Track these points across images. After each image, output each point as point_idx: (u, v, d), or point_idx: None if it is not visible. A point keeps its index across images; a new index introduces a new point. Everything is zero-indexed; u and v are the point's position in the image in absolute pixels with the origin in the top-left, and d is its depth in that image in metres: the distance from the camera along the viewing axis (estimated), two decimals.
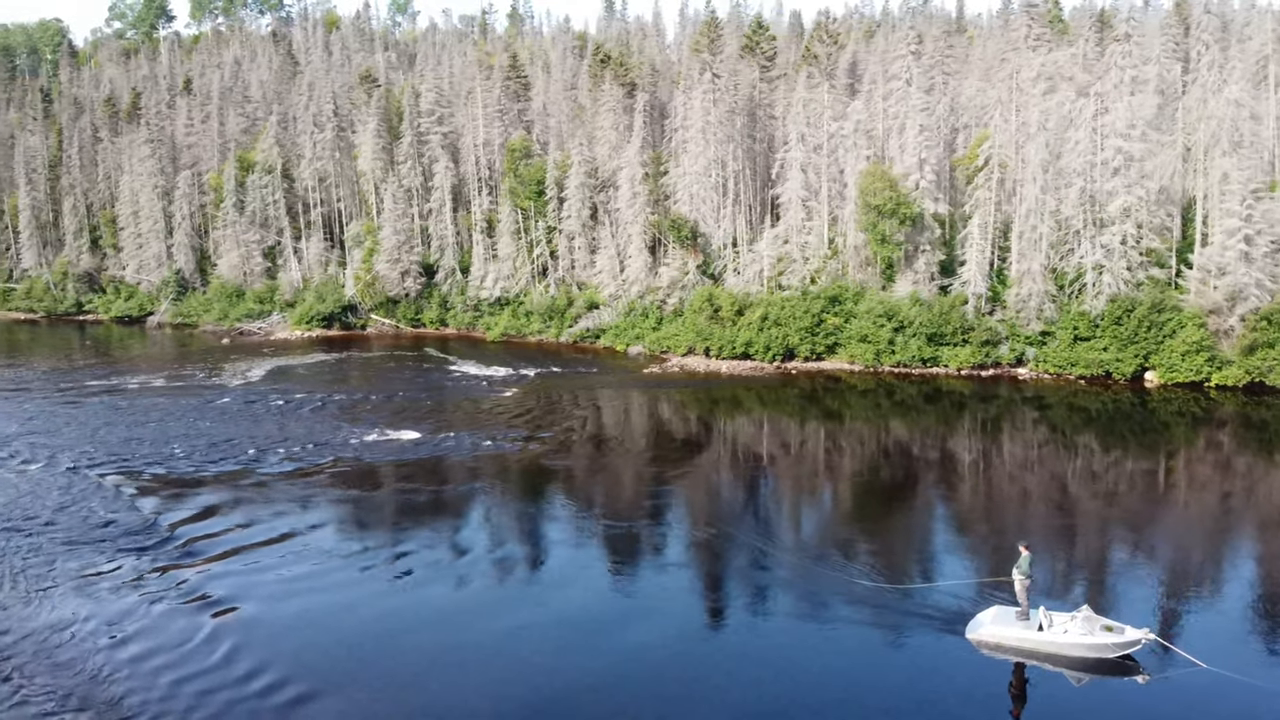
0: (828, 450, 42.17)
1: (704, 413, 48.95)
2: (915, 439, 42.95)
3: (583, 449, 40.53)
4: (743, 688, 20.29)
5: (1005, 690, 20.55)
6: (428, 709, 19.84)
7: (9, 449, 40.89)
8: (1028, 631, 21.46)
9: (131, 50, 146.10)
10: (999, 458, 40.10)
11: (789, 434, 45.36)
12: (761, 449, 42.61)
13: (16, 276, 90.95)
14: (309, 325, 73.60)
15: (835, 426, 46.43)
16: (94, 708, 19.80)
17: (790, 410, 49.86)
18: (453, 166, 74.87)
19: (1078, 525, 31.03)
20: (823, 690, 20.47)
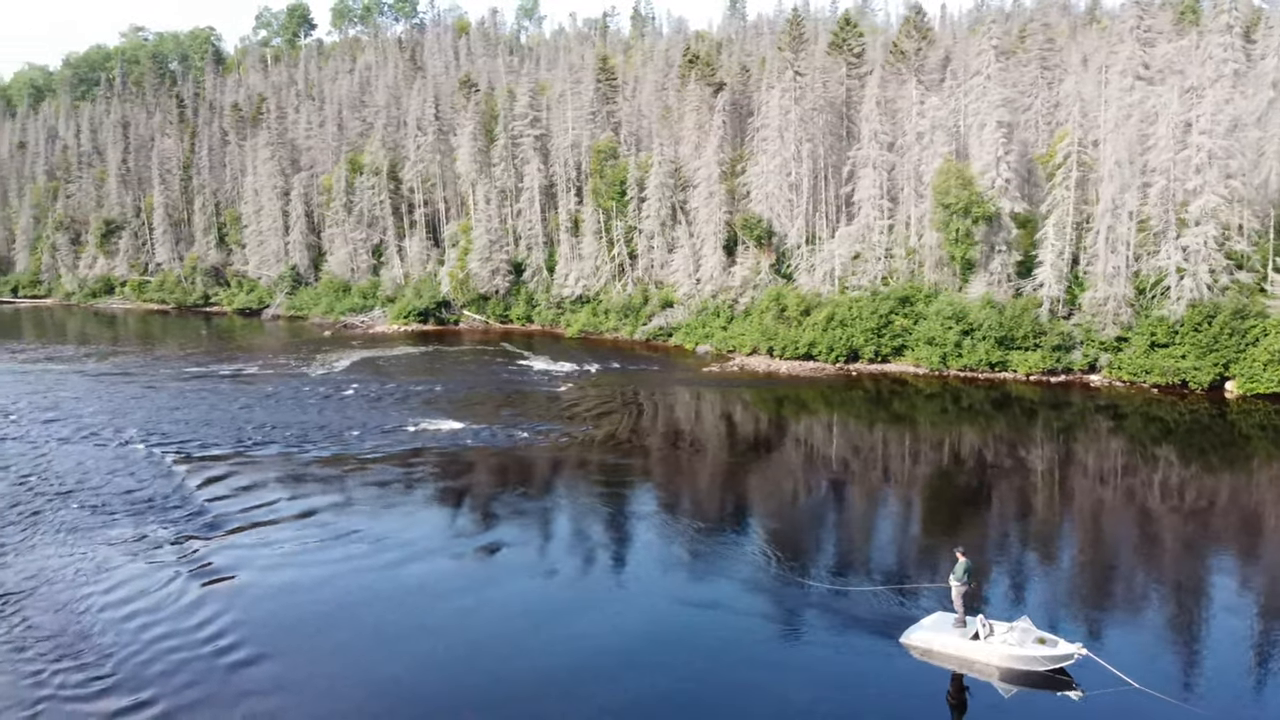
0: (887, 456, 40.88)
1: (745, 413, 48.86)
2: (987, 447, 41.22)
3: (609, 445, 41.12)
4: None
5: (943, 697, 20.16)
6: (359, 676, 20.93)
7: (91, 426, 44.82)
8: (960, 640, 20.89)
9: (277, 56, 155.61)
10: (1074, 469, 37.76)
11: (832, 437, 44.75)
12: (792, 451, 42.21)
13: (151, 270, 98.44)
14: (406, 320, 76.97)
15: (896, 431, 45.11)
16: (65, 649, 21.88)
17: (845, 412, 49.12)
18: (543, 168, 76.84)
19: (1163, 543, 29.22)
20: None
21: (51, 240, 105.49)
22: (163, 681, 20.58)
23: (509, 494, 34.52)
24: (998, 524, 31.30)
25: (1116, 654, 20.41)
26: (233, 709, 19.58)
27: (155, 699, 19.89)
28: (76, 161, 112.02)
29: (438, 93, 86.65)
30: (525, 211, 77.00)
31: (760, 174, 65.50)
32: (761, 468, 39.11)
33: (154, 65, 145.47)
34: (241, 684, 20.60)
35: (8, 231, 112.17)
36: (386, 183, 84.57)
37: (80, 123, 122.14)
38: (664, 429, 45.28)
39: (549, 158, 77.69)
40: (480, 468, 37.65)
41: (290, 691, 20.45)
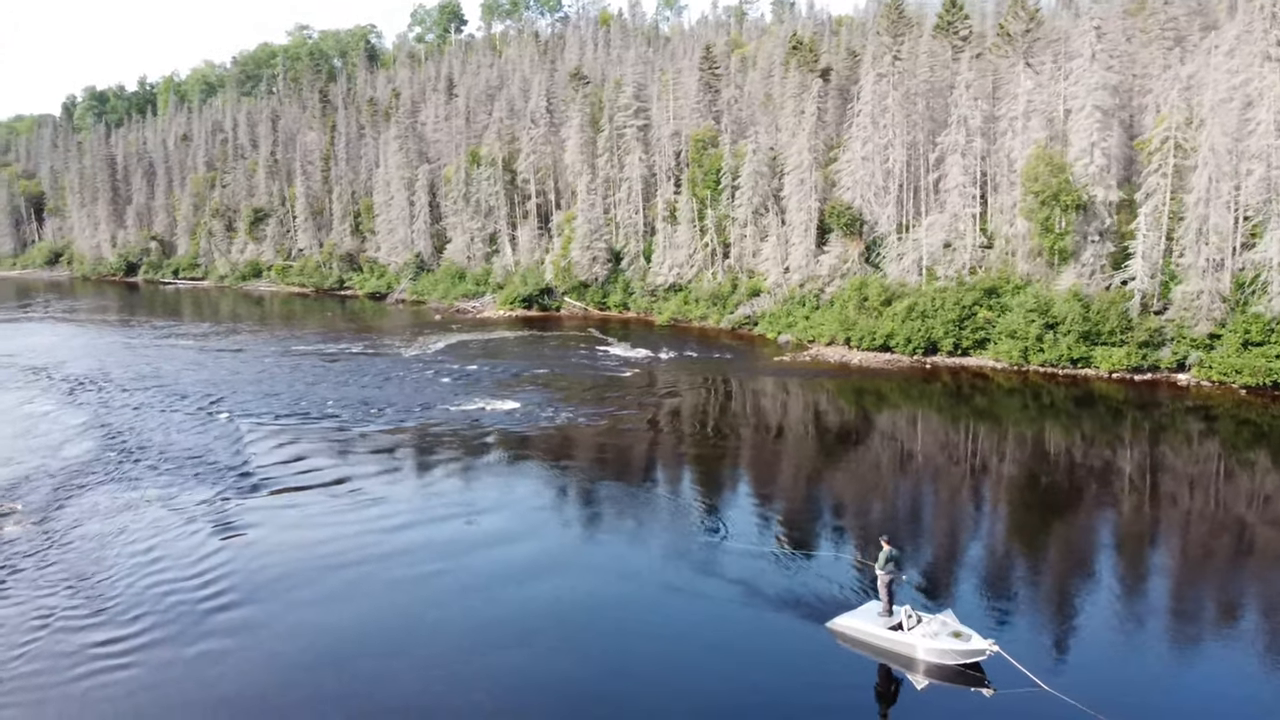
0: (966, 455, 39.57)
1: (795, 401, 48.39)
2: (1074, 448, 39.18)
3: (642, 428, 41.86)
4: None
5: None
6: (320, 623, 22.69)
7: (191, 394, 49.11)
8: (879, 629, 20.71)
9: (429, 52, 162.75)
10: (1165, 475, 35.47)
11: (896, 434, 44.00)
12: (838, 445, 41.79)
13: (294, 255, 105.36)
14: (511, 305, 79.75)
15: (973, 428, 43.54)
16: (78, 588, 24.58)
17: (912, 406, 47.94)
18: (645, 157, 77.93)
19: (1259, 555, 27.51)
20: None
21: (208, 227, 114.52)
22: (145, 620, 22.89)
23: (530, 469, 35.82)
24: (1089, 532, 29.27)
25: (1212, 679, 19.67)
26: (191, 646, 21.64)
27: (131, 635, 22.17)
28: (232, 153, 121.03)
29: (550, 86, 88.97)
30: (625, 200, 78.35)
31: (851, 161, 64.46)
32: (788, 459, 38.99)
33: (310, 62, 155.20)
34: (211, 625, 22.70)
35: (171, 218, 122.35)
36: (502, 173, 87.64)
37: (238, 117, 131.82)
38: (700, 415, 45.66)
39: (651, 148, 78.68)
40: (513, 444, 39.01)
41: (250, 632, 22.40)
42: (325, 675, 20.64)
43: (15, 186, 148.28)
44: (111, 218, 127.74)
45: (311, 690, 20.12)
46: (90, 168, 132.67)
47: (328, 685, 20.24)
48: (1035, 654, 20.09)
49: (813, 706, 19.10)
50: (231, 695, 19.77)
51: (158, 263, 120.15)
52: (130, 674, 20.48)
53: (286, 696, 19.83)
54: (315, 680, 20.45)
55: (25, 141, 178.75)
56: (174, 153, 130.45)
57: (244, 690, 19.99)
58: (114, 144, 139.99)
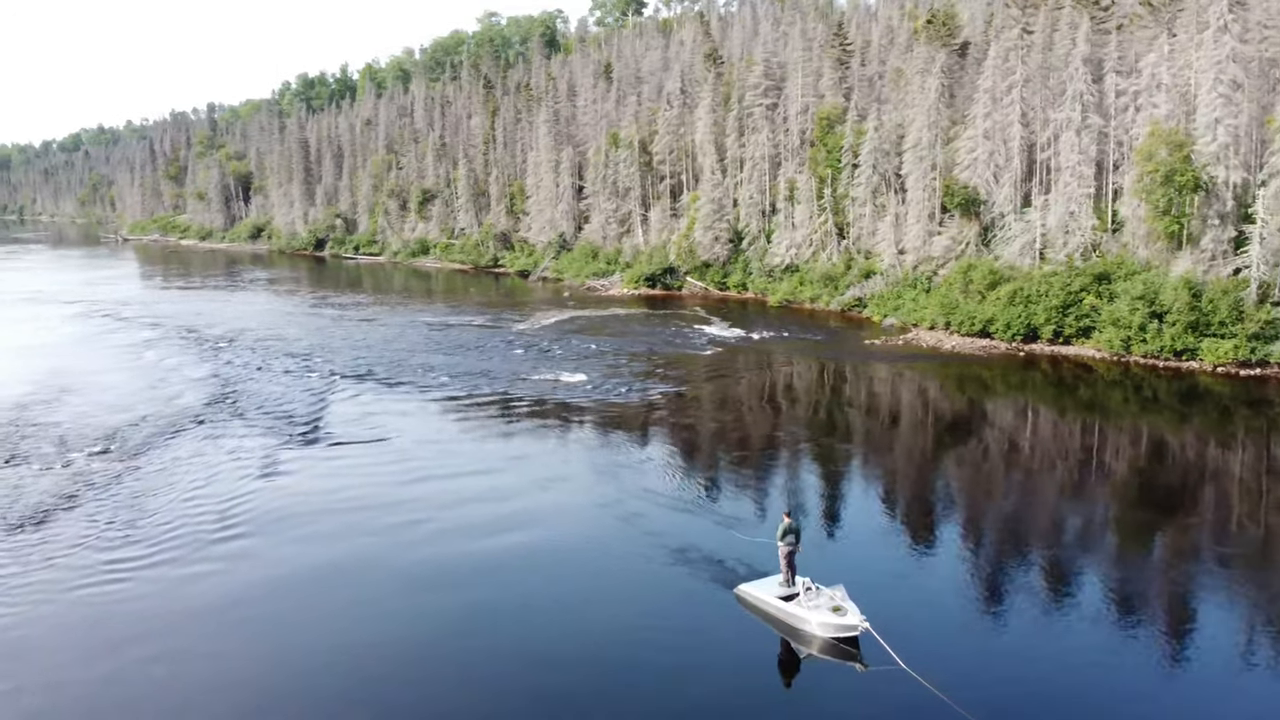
0: (1068, 450, 38.18)
1: (869, 387, 47.68)
2: (1184, 447, 37.33)
3: (699, 406, 42.67)
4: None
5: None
6: (309, 559, 25.35)
7: (304, 355, 54.11)
8: (770, 597, 21.10)
9: (609, 35, 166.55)
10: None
11: (978, 423, 42.88)
12: (913, 435, 41.15)
13: (457, 234, 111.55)
14: (636, 285, 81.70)
15: (1066, 421, 41.71)
16: (124, 518, 28.29)
17: (1003, 395, 46.46)
18: (770, 136, 77.72)
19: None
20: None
21: (385, 206, 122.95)
22: (157, 546, 26.19)
23: (562, 437, 37.57)
24: (1203, 537, 27.28)
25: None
26: (184, 568, 24.73)
27: (140, 557, 25.52)
28: (408, 137, 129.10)
29: (688, 67, 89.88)
30: (747, 180, 78.47)
31: (972, 138, 62.03)
32: (853, 448, 38.84)
33: (490, 49, 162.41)
34: (208, 552, 25.78)
35: (354, 197, 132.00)
36: (638, 155, 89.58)
37: (417, 102, 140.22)
38: (752, 396, 45.97)
39: (777, 126, 78.32)
40: (558, 414, 40.73)
41: (238, 560, 25.30)
42: (283, 598, 23.21)
43: (226, 167, 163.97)
44: (304, 196, 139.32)
45: (266, 609, 22.71)
46: (287, 150, 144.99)
47: (281, 605, 22.83)
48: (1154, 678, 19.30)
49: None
50: (198, 608, 22.60)
51: (341, 239, 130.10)
52: (123, 587, 23.77)
53: (241, 612, 22.47)
54: (272, 601, 23.05)
55: (241, 125, 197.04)
56: (360, 136, 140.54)
57: (210, 605, 22.77)
58: (309, 128, 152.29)
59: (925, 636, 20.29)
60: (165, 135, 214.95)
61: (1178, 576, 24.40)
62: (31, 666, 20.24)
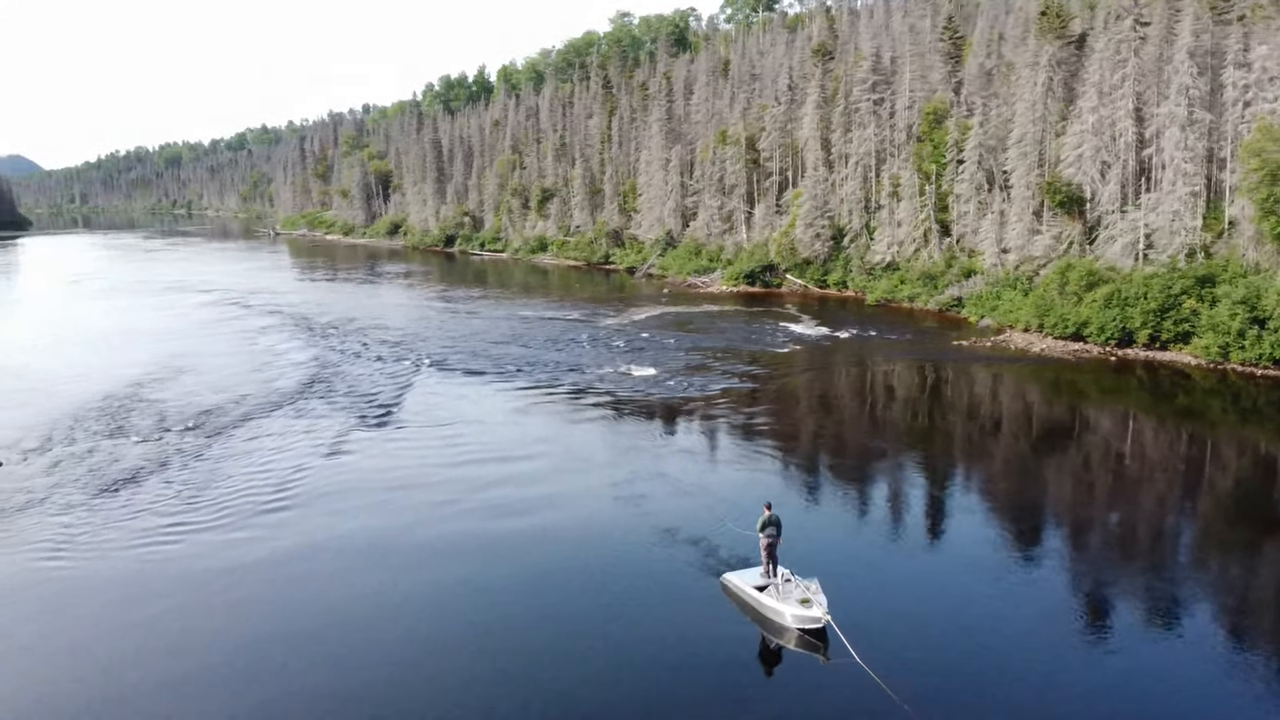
0: (1168, 463, 37.44)
1: (938, 392, 46.57)
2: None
3: (754, 404, 42.77)
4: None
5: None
6: (343, 529, 27.11)
7: (403, 342, 57.02)
8: (747, 587, 21.38)
9: (740, 32, 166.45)
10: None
11: (1058, 429, 41.59)
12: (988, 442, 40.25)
13: (572, 231, 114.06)
14: (736, 282, 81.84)
15: (1163, 430, 39.95)
16: (193, 488, 30.86)
17: (1093, 402, 44.70)
18: (876, 132, 76.47)
19: None
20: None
21: (508, 204, 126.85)
22: (212, 514, 28.46)
23: (610, 427, 38.44)
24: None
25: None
26: (228, 534, 26.89)
27: (194, 522, 27.83)
28: (533, 137, 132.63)
29: (795, 63, 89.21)
30: (850, 177, 77.43)
31: (1078, 134, 59.51)
32: (898, 447, 38.35)
33: (618, 50, 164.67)
34: (253, 521, 27.89)
35: (480, 196, 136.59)
36: (745, 152, 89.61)
37: (543, 103, 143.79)
38: (816, 395, 45.59)
39: (883, 122, 76.96)
40: (613, 405, 41.61)
41: (277, 529, 27.26)
42: (304, 562, 24.99)
43: (368, 166, 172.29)
44: (436, 195, 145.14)
45: (287, 570, 24.52)
46: (422, 150, 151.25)
47: (301, 568, 24.61)
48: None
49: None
50: (230, 568, 24.58)
51: (469, 235, 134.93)
52: (173, 548, 26.05)
53: (264, 573, 24.34)
54: (295, 564, 24.85)
55: (385, 126, 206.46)
56: (488, 137, 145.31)
57: (241, 565, 24.76)
58: (443, 129, 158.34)
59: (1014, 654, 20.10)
60: (316, 135, 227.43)
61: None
62: (77, 609, 22.58)
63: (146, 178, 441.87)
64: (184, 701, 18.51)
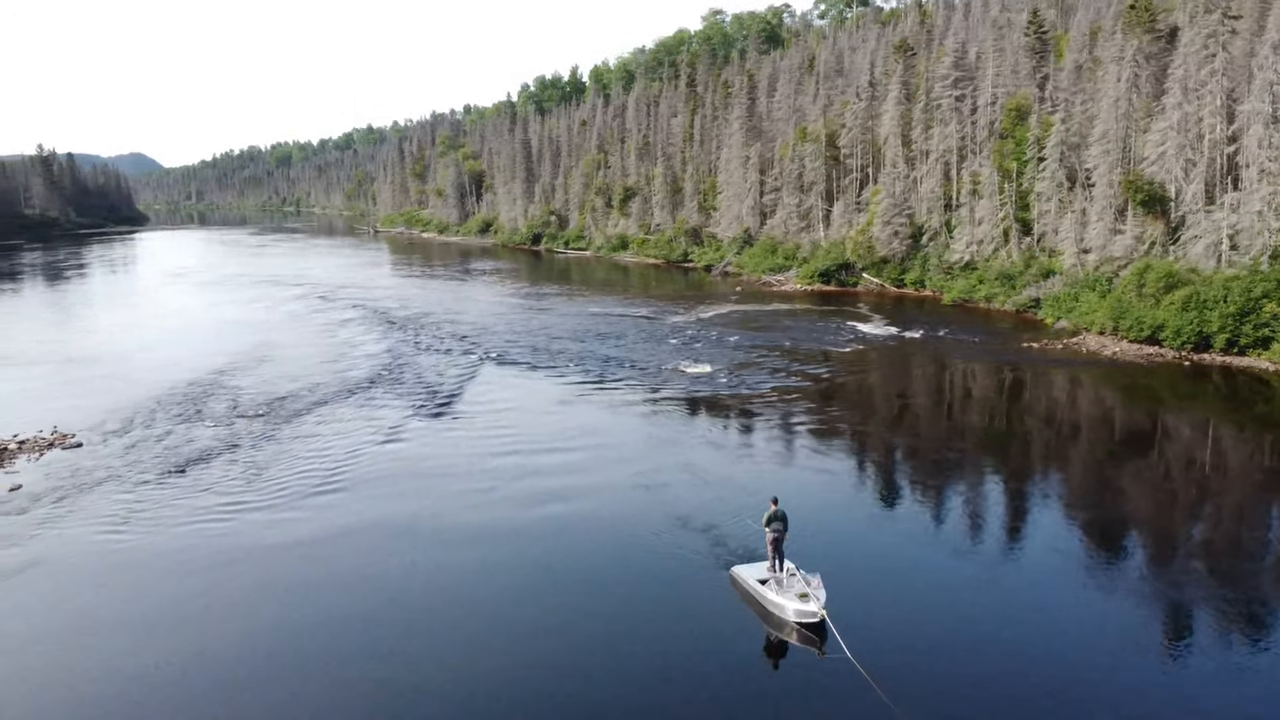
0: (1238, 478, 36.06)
1: (992, 395, 45.55)
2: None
3: (803, 401, 42.63)
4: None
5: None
6: (370, 512, 28.30)
7: (471, 335, 58.70)
8: (753, 580, 21.60)
9: (836, 27, 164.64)
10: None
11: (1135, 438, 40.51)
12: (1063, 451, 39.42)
13: (653, 230, 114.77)
14: (811, 280, 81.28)
15: (1234, 439, 38.29)
16: (252, 470, 32.54)
17: (1166, 408, 43.28)
18: (958, 129, 74.99)
19: None
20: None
21: (592, 203, 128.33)
22: (265, 495, 30.00)
23: (651, 423, 38.84)
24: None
25: None
26: (275, 514, 28.33)
27: (246, 502, 29.38)
28: (617, 136, 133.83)
29: (877, 59, 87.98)
30: (930, 174, 76.09)
31: (1162, 131, 57.34)
32: (957, 457, 37.85)
33: (708, 48, 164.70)
34: (300, 503, 29.27)
35: (566, 195, 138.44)
36: (824, 149, 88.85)
37: (630, 102, 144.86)
38: (878, 395, 45.10)
39: (964, 118, 75.40)
40: (660, 402, 42.00)
41: (320, 510, 28.60)
42: (337, 543, 26.16)
43: (462, 165, 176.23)
44: (525, 194, 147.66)
45: (321, 549, 25.73)
46: (513, 150, 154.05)
47: (332, 548, 25.76)
48: None
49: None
50: (269, 546, 26.00)
51: (554, 234, 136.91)
52: (222, 525, 27.59)
53: (301, 551, 25.62)
54: (328, 544, 26.04)
55: (481, 126, 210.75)
56: (575, 136, 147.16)
57: (280, 544, 26.12)
58: (532, 129, 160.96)
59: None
60: (416, 136, 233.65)
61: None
62: (125, 580, 24.20)
63: (258, 176, 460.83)
64: (202, 666, 19.74)
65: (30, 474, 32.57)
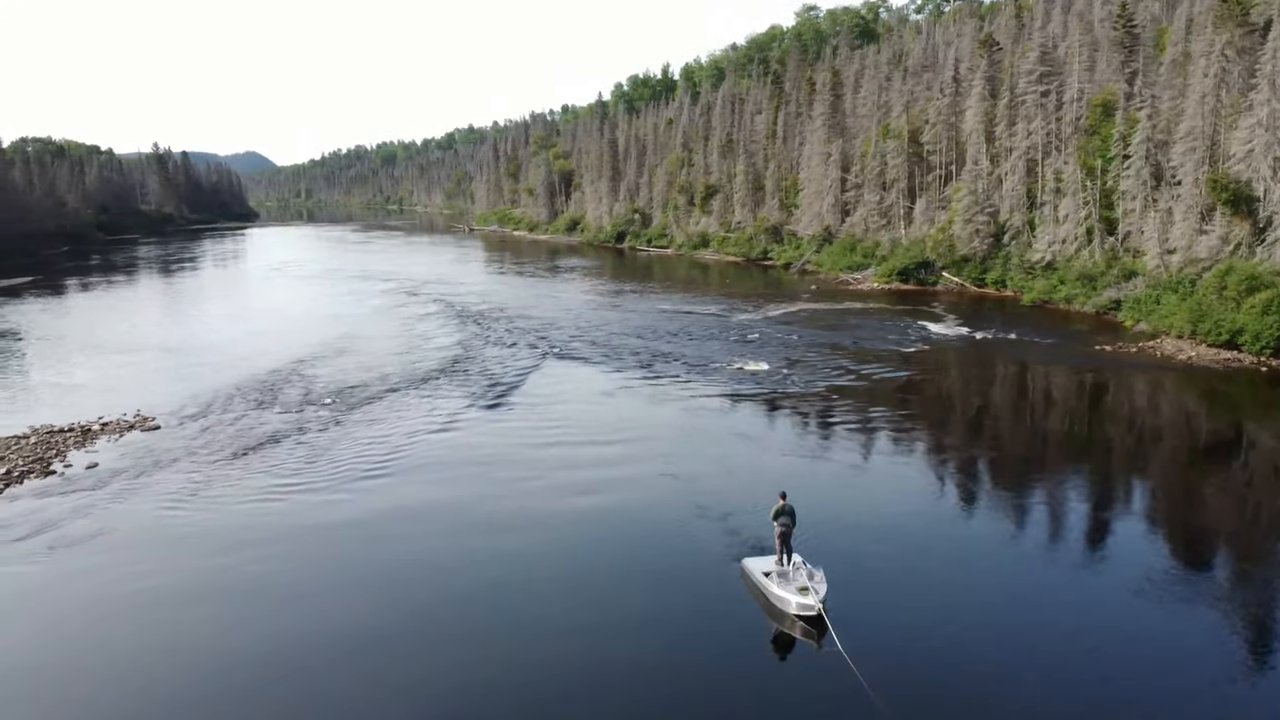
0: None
1: (1067, 402, 44.43)
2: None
3: (854, 400, 42.43)
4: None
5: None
6: (409, 495, 29.55)
7: (540, 330, 60.06)
8: (757, 572, 21.94)
9: (929, 24, 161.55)
10: None
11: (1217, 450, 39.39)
12: None
13: (734, 227, 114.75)
14: (888, 279, 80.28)
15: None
16: (311, 451, 34.23)
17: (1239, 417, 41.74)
18: (1042, 125, 73.09)
19: None
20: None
21: (674, 201, 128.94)
22: (317, 477, 31.56)
23: (698, 415, 39.26)
24: None
25: None
26: (322, 496, 29.80)
27: (298, 484, 30.98)
28: (702, 134, 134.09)
29: (959, 54, 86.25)
30: (1012, 171, 74.33)
31: (1248, 128, 54.96)
32: (985, 453, 37.30)
33: (798, 44, 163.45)
34: (348, 486, 30.64)
35: (650, 193, 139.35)
36: (907, 146, 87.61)
37: (715, 100, 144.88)
38: (933, 396, 44.50)
39: (1049, 115, 73.41)
40: (709, 398, 42.28)
41: (364, 494, 29.88)
42: (378, 524, 27.40)
43: (553, 165, 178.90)
44: (610, 192, 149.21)
45: (361, 530, 26.96)
46: (600, 149, 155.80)
47: (373, 529, 27.01)
48: None
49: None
50: (312, 526, 27.41)
51: (638, 232, 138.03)
52: (272, 505, 29.18)
53: (341, 531, 26.91)
54: (370, 525, 27.29)
55: (573, 125, 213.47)
56: (661, 135, 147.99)
57: (323, 524, 27.49)
58: (619, 128, 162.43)
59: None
60: (510, 135, 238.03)
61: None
62: (175, 551, 25.86)
63: (364, 175, 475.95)
64: (234, 631, 21.12)
65: (108, 453, 34.90)
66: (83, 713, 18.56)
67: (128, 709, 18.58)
